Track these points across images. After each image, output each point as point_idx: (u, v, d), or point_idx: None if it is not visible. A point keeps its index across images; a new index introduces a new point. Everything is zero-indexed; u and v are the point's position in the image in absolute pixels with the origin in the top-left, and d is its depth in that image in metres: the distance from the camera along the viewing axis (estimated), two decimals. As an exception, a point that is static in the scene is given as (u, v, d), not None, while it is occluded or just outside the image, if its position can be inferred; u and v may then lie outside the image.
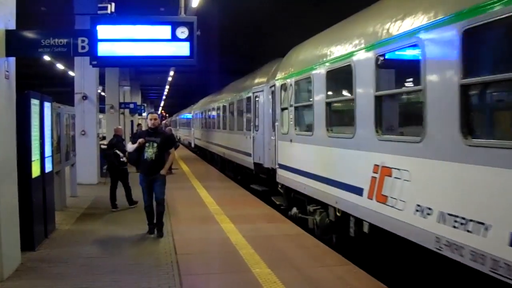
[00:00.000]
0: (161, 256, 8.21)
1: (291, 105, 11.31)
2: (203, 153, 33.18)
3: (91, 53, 8.06)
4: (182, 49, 8.21)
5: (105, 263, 7.80)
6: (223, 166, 24.11)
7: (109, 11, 13.01)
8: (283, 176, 12.19)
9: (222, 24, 19.53)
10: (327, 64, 9.10)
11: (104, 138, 26.33)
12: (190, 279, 6.97)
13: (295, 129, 11.06)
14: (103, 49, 8.06)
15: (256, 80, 16.50)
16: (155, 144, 9.31)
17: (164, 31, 8.22)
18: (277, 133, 12.56)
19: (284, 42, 14.50)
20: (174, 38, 8.19)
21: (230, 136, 21.12)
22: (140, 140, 9.29)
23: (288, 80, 11.59)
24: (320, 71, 9.38)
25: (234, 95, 20.22)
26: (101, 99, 24.36)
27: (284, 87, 12.06)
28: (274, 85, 13.14)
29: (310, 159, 10.10)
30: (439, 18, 5.55)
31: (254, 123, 16.07)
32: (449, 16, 5.34)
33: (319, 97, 9.47)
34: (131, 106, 33.33)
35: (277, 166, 12.63)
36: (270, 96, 14.02)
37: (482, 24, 4.82)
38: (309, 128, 10.26)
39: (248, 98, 17.06)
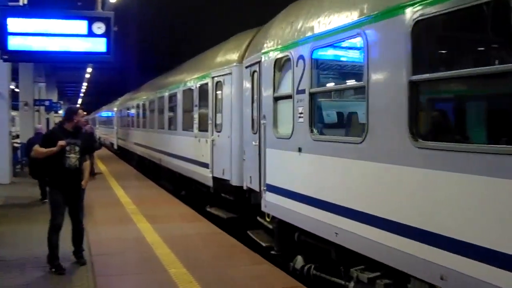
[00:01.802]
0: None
1: (300, 91, 6.97)
2: (129, 157, 28.39)
3: (1, 46, 8.02)
4: (99, 45, 8.28)
5: (16, 265, 7.63)
6: (157, 175, 19.58)
7: (21, 3, 12.09)
8: (276, 205, 7.90)
9: (142, 19, 19.50)
10: (417, 6, 4.71)
11: (17, 136, 25.03)
12: (105, 280, 6.94)
13: (312, 131, 6.74)
14: (15, 43, 8.04)
15: (218, 60, 11.86)
16: (77, 148, 7.62)
17: (80, 26, 8.23)
18: (265, 136, 8.31)
19: (209, 38, 14.06)
20: (91, 33, 8.24)
21: (171, 138, 16.43)
22: (62, 142, 7.37)
23: (292, 52, 7.25)
24: (392, 24, 5.08)
25: (178, 84, 15.61)
26: (14, 96, 23.88)
27: (280, 63, 7.87)
28: (257, 63, 8.78)
29: (357, 186, 5.78)
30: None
31: (213, 121, 11.60)
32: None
33: (388, 73, 5.19)
34: (47, 103, 31.27)
35: (263, 187, 8.38)
36: (247, 81, 9.55)
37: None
38: (355, 129, 6.37)
39: (203, 87, 12.56)
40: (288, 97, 7.42)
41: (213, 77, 11.58)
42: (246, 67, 9.53)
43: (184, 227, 10.43)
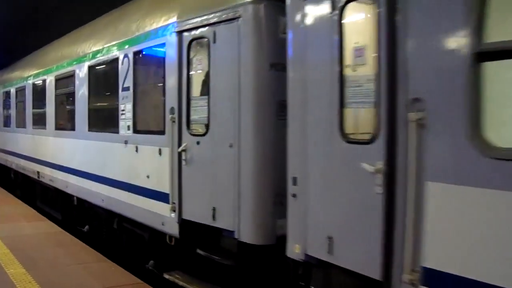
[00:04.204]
0: None
1: None
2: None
3: None
4: None
5: None
6: (31, 193, 13.52)
7: None
8: None
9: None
10: None
11: None
12: None
13: None
14: None
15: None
16: None
17: None
18: (428, 152, 3.33)
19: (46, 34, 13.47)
20: None
21: (65, 142, 10.27)
22: None
23: None
24: None
25: (80, 57, 9.48)
26: None
27: None
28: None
29: None
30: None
31: (180, 115, 6.12)
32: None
33: None
34: None
35: (407, 276, 3.39)
36: (319, 26, 4.21)
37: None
38: None
39: (149, 54, 7.06)
40: None
41: (181, 32, 6.05)
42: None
43: (24, 227, 10.02)
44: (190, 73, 6.02)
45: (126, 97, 7.45)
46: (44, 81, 11.63)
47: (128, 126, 7.39)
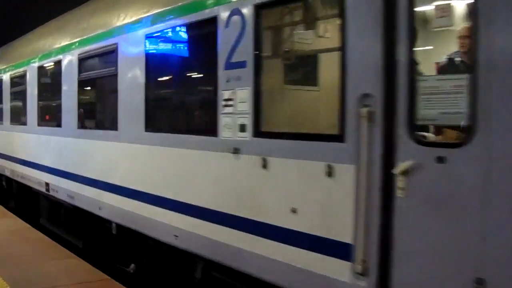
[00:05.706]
0: None
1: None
2: None
3: None
4: None
5: None
6: (32, 208, 10.77)
7: None
8: None
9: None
10: None
11: None
12: None
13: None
14: None
15: None
16: None
17: None
18: None
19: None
20: None
21: (100, 147, 7.23)
22: None
23: None
24: None
25: (145, 17, 6.33)
26: None
27: None
28: None
29: None
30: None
31: (389, 106, 3.42)
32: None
33: None
34: None
35: None
36: None
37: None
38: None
39: None
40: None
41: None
42: None
43: None
44: (416, 33, 3.37)
45: (237, 79, 4.69)
46: (58, 62, 8.71)
47: (242, 126, 4.66)
